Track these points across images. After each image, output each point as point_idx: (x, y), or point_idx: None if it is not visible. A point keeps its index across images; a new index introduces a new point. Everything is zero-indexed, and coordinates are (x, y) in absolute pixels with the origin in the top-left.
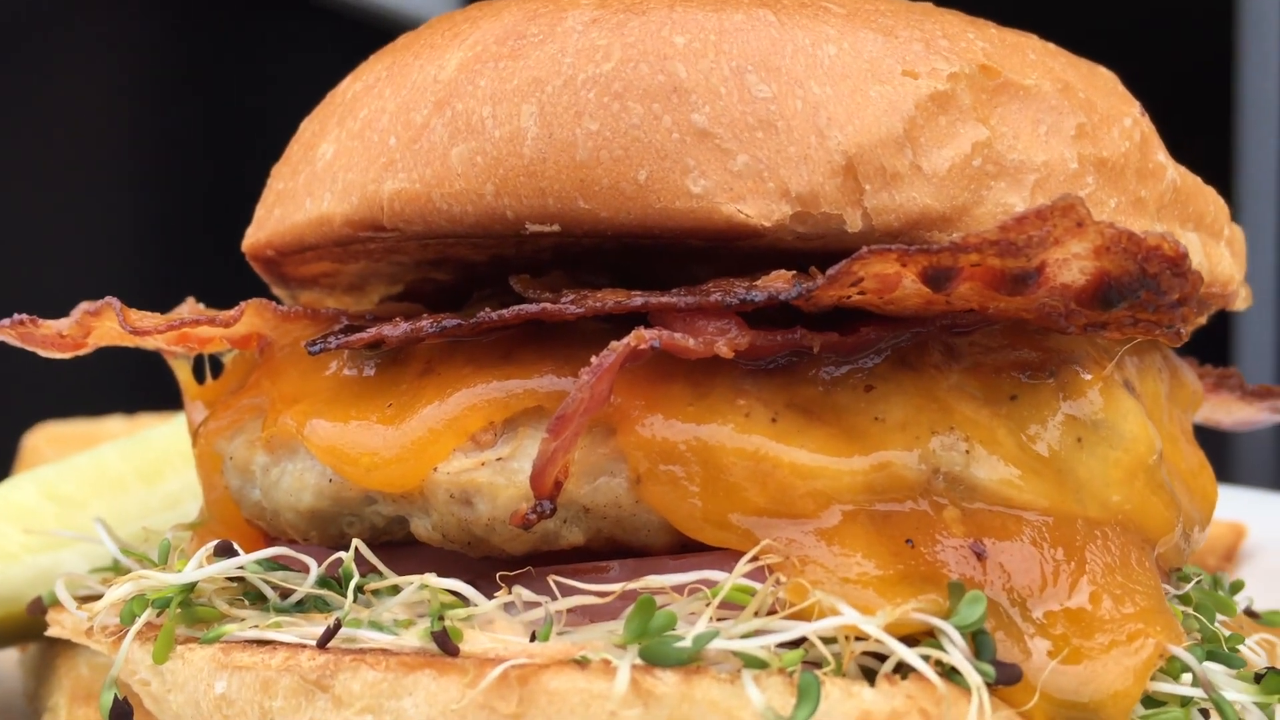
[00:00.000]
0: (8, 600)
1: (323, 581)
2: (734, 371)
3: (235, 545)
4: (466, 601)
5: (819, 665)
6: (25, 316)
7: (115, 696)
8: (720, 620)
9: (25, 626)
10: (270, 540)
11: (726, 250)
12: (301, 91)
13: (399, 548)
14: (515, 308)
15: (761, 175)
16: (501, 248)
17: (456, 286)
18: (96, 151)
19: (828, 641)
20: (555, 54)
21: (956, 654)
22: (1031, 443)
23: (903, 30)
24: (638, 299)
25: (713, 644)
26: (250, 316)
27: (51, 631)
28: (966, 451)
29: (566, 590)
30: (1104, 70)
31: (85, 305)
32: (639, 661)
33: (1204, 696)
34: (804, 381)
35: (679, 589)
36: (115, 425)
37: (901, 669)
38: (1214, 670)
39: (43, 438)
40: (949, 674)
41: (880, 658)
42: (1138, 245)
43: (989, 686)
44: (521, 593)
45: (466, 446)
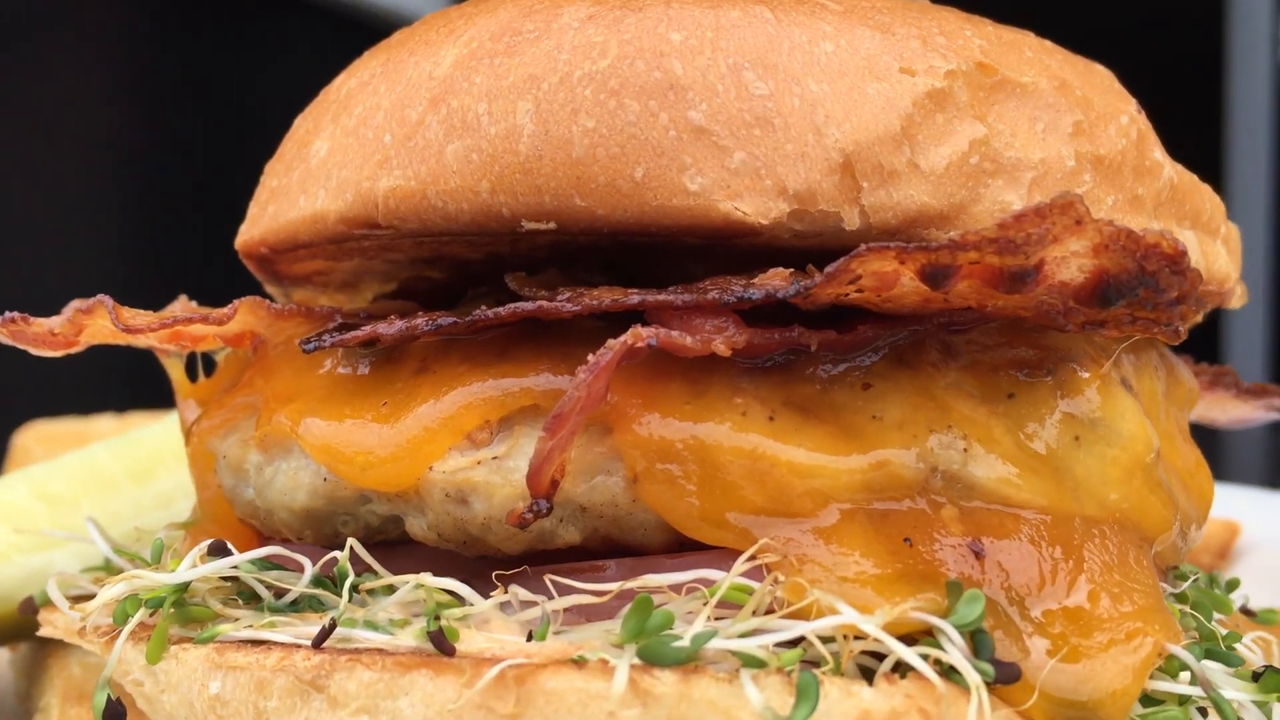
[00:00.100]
0: None
1: (317, 581)
2: (731, 370)
3: (229, 545)
4: (462, 601)
5: (817, 664)
6: (16, 314)
7: (109, 697)
8: (718, 619)
9: (16, 626)
10: (264, 539)
11: (723, 248)
12: (293, 89)
13: (393, 547)
14: (511, 305)
15: (759, 173)
16: (497, 245)
17: (450, 285)
18: (87, 149)
19: (826, 641)
20: (551, 50)
21: (955, 653)
22: (1029, 441)
23: (900, 27)
24: (634, 297)
25: (711, 643)
26: (244, 314)
27: (44, 631)
28: (964, 450)
29: (563, 589)
30: (1100, 67)
31: (77, 303)
32: (637, 661)
33: (1202, 695)
34: (801, 380)
35: (676, 588)
36: (106, 424)
37: (899, 668)
38: (1212, 669)
39: (33, 436)
40: (947, 673)
41: (878, 657)
42: (1136, 243)
43: (988, 685)
44: (518, 592)
45: (462, 445)
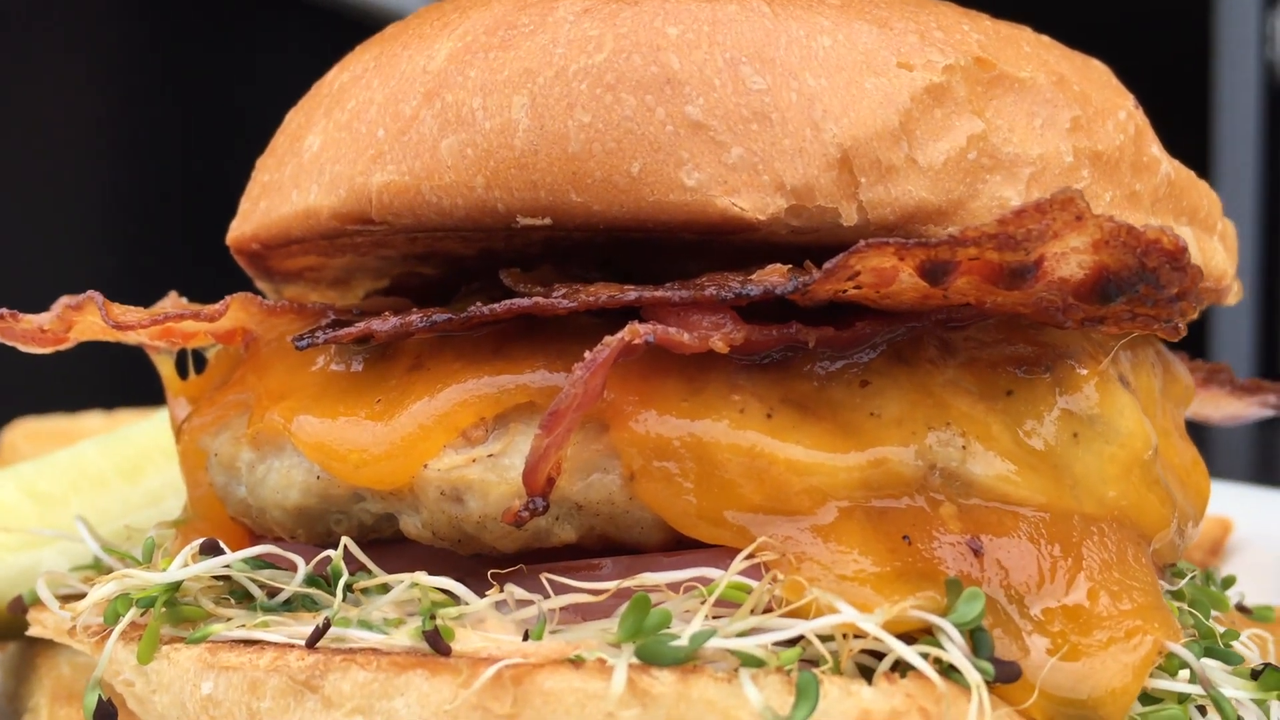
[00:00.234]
0: None
1: (310, 580)
2: (728, 367)
3: (221, 543)
4: (457, 600)
5: (816, 663)
6: (5, 311)
7: (99, 697)
8: (715, 618)
9: (5, 626)
10: (255, 538)
11: (719, 244)
12: (283, 83)
13: (387, 545)
14: (507, 302)
15: (756, 168)
16: (491, 241)
17: (444, 281)
18: (74, 145)
19: (825, 639)
20: (547, 45)
21: (955, 652)
22: (1028, 438)
23: (897, 22)
24: (631, 293)
25: (710, 643)
26: (235, 311)
27: (33, 631)
28: (963, 447)
29: (559, 588)
30: (1097, 63)
31: (66, 299)
32: (635, 661)
33: (1201, 693)
34: (799, 377)
35: (673, 587)
36: (93, 421)
37: (898, 667)
38: (1211, 667)
39: (20, 434)
40: (946, 672)
41: (877, 655)
42: (1137, 239)
43: (987, 684)
44: (514, 591)
45: (457, 443)
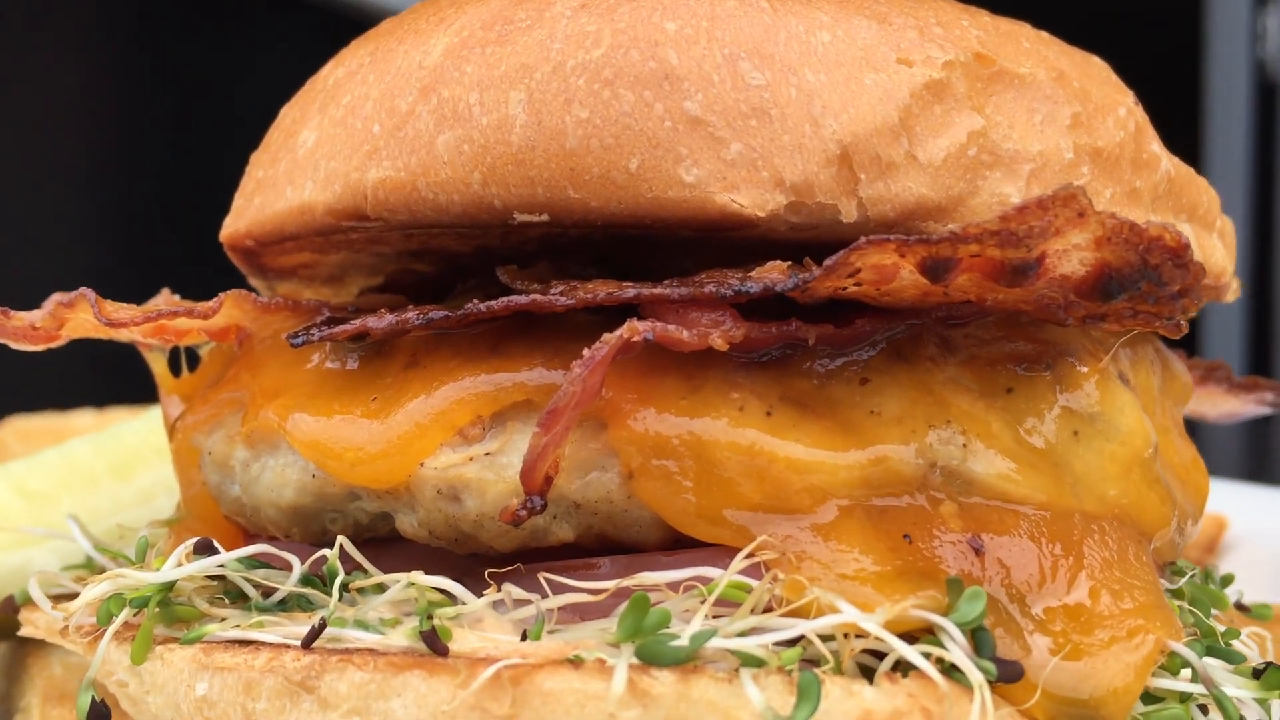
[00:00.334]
0: None
1: (306, 580)
2: (727, 364)
3: (215, 543)
4: (454, 600)
5: (817, 663)
6: None
7: (93, 698)
8: (715, 618)
9: None
10: (249, 537)
11: (717, 241)
12: (274, 80)
13: (383, 545)
14: (505, 299)
15: (755, 164)
16: (487, 238)
17: (439, 278)
18: (64, 141)
19: (825, 639)
20: (544, 40)
21: (957, 651)
22: (1028, 436)
23: (896, 17)
24: (630, 290)
25: (710, 643)
26: (229, 308)
27: (25, 631)
28: (964, 445)
29: (558, 588)
30: (1096, 59)
31: (58, 296)
32: (634, 661)
33: (1203, 692)
34: (798, 374)
35: (672, 586)
36: (84, 419)
37: (899, 666)
38: (1213, 666)
39: (10, 432)
40: (948, 671)
41: (877, 655)
42: (1139, 236)
43: (989, 684)
44: (511, 590)
45: (454, 441)
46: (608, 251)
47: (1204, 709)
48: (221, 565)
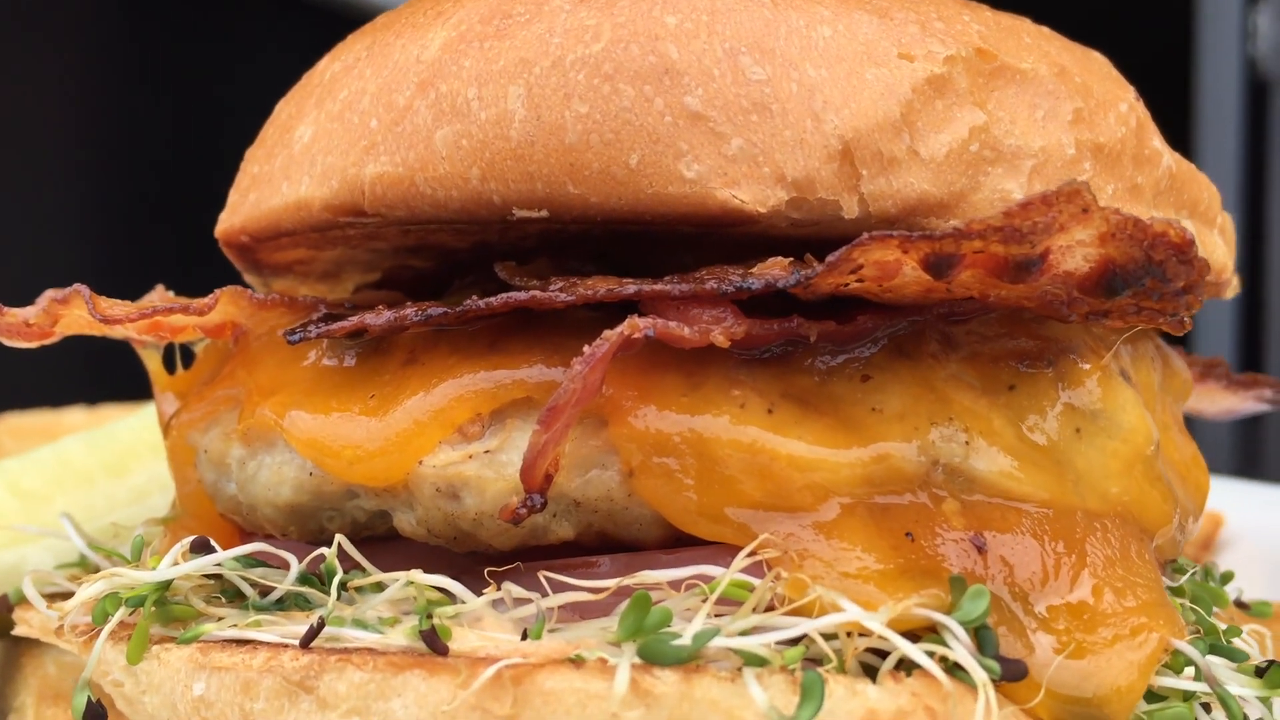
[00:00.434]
0: None
1: (303, 578)
2: (728, 361)
3: (212, 542)
4: (453, 599)
5: (819, 662)
6: None
7: (88, 698)
8: (716, 617)
9: None
10: (245, 535)
11: (717, 237)
12: (266, 76)
13: (380, 543)
14: (504, 296)
15: (756, 160)
16: (485, 234)
17: (435, 274)
18: (55, 139)
19: (828, 638)
20: (543, 34)
21: (961, 650)
22: (1030, 434)
23: (898, 12)
24: (630, 287)
25: (712, 642)
26: (225, 305)
27: (19, 630)
28: (966, 443)
29: (558, 586)
30: (1097, 55)
31: (52, 293)
32: (636, 660)
33: (1207, 691)
34: (799, 371)
35: (674, 585)
36: (77, 417)
37: (902, 665)
38: (1216, 664)
39: (2, 429)
40: (951, 670)
41: (879, 654)
42: (1144, 232)
43: (993, 683)
44: (511, 589)
45: (453, 439)
46: (607, 247)
47: (1206, 707)
48: (218, 564)
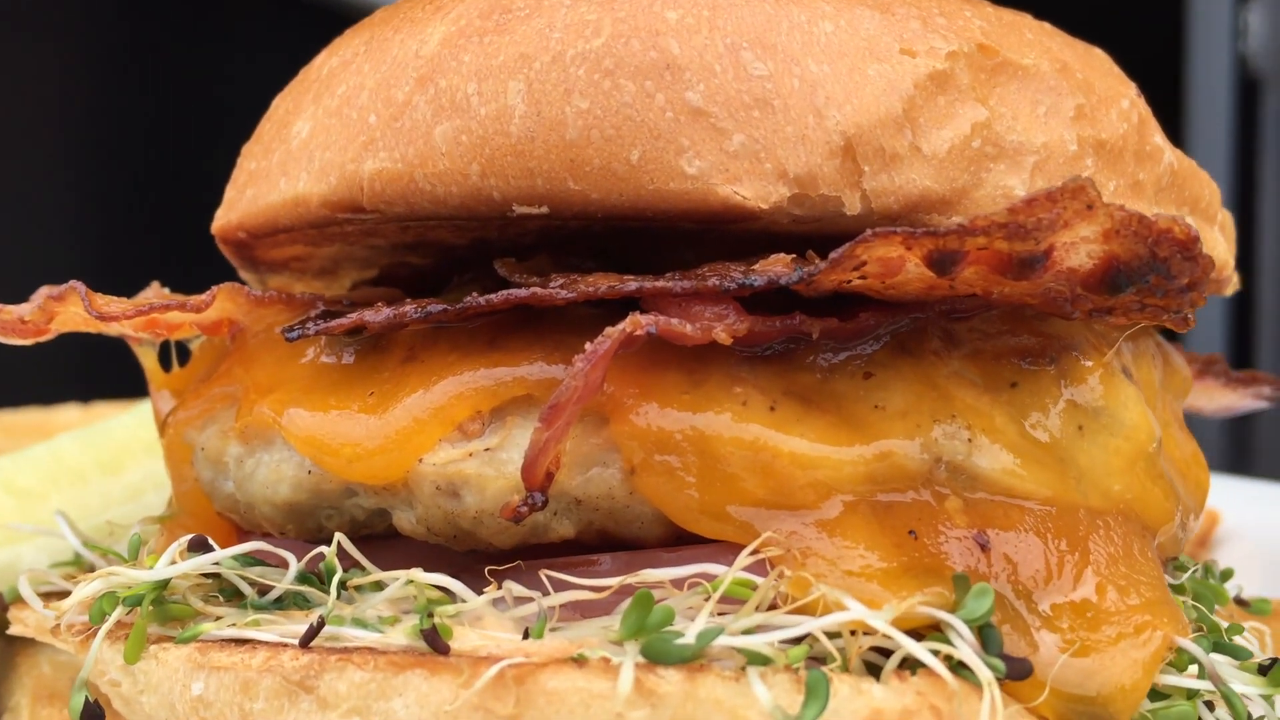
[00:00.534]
0: None
1: (302, 577)
2: (729, 359)
3: (210, 540)
4: (453, 598)
5: (823, 661)
6: None
7: (86, 698)
8: (719, 615)
9: None
10: (242, 534)
11: (717, 233)
12: (260, 73)
13: (379, 541)
14: (504, 293)
15: (758, 156)
16: (484, 230)
17: (433, 270)
18: (48, 136)
19: (831, 637)
20: (543, 29)
21: (965, 649)
22: (1033, 431)
23: (899, 7)
24: (632, 284)
25: (716, 641)
26: (222, 301)
27: (14, 630)
28: (969, 440)
29: (559, 585)
30: (1098, 51)
31: (48, 290)
32: (640, 659)
33: (1210, 689)
34: (801, 369)
35: (676, 583)
36: (70, 414)
37: (906, 664)
38: (1219, 662)
39: None
40: (955, 669)
41: (882, 653)
42: (1148, 228)
43: (998, 681)
44: (512, 588)
45: (453, 437)
46: (607, 244)
47: (1209, 705)
48: (216, 563)
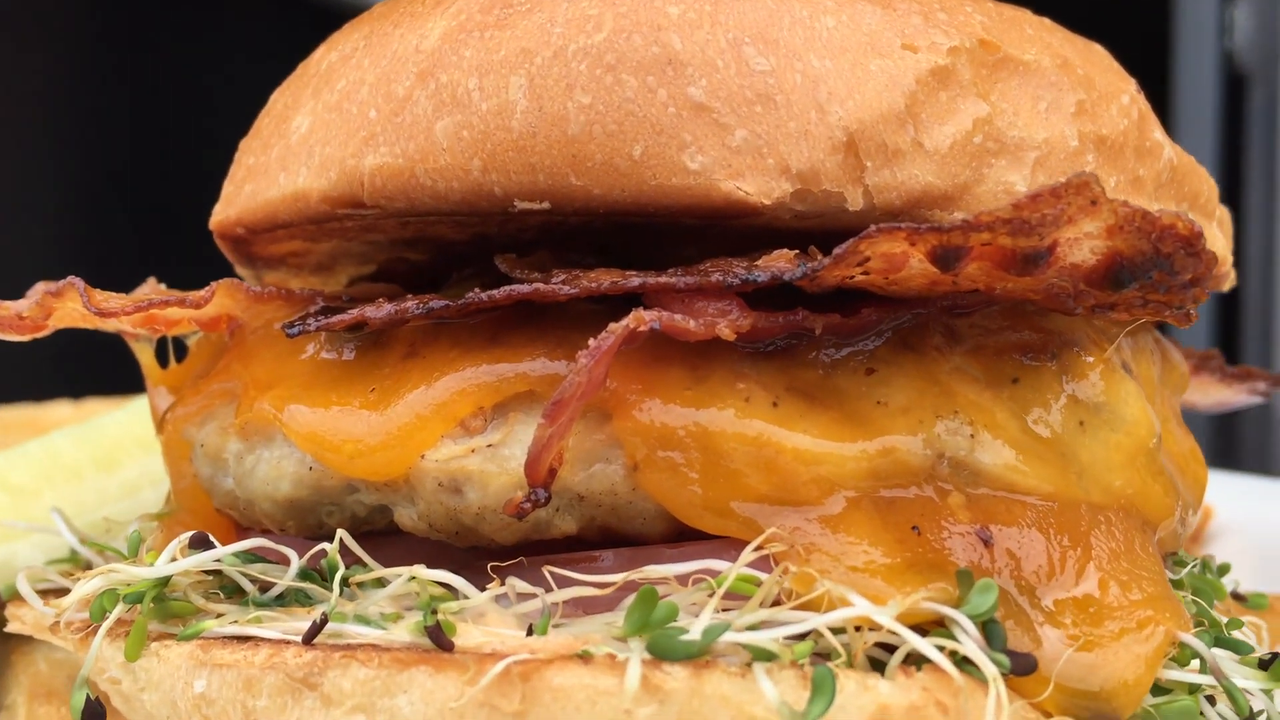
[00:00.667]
0: None
1: (303, 574)
2: (732, 355)
3: (211, 537)
4: (456, 594)
5: (828, 657)
6: None
7: (87, 697)
8: (723, 611)
9: None
10: (242, 531)
11: (720, 229)
12: (253, 67)
13: (380, 538)
14: (506, 288)
15: (761, 151)
16: (485, 226)
17: (431, 267)
18: (42, 133)
19: (836, 632)
20: (544, 24)
21: (970, 644)
22: (1034, 426)
23: (901, 3)
24: (635, 279)
25: (722, 637)
26: (221, 297)
27: (11, 627)
28: (971, 436)
29: (562, 581)
30: (1098, 46)
31: (45, 285)
32: (646, 656)
33: (1211, 683)
34: (804, 365)
35: (680, 579)
36: (62, 410)
37: (910, 660)
38: (1220, 657)
39: None
40: (960, 665)
41: (887, 649)
42: (1152, 224)
43: (1002, 677)
44: (516, 584)
45: (455, 433)
46: (608, 240)
47: (1210, 699)
48: (218, 560)
